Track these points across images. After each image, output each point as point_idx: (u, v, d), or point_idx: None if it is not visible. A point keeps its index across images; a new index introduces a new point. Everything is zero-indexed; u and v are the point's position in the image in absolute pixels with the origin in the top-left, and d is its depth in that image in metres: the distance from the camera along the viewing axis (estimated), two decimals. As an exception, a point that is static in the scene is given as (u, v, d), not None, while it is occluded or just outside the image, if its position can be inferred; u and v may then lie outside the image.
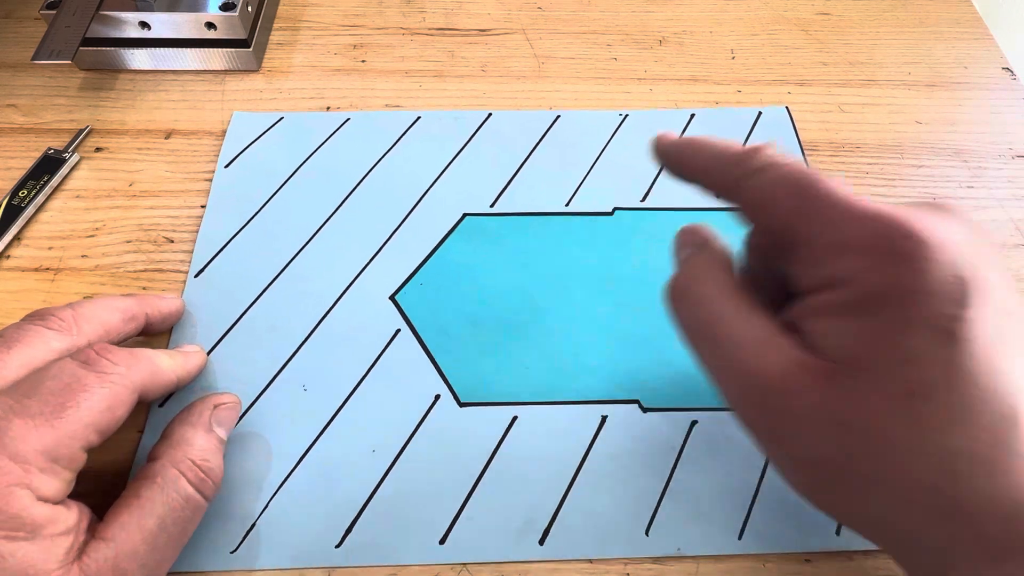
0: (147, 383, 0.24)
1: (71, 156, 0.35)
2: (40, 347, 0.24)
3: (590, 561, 0.26)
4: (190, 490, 0.23)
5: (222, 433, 0.26)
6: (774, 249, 0.21)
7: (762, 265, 0.22)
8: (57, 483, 0.21)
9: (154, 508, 0.22)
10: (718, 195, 0.22)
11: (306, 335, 0.30)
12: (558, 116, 0.39)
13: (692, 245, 0.23)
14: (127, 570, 0.21)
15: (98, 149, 0.37)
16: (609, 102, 0.39)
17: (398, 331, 0.31)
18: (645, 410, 0.29)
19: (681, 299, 0.22)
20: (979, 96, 0.41)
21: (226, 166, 0.36)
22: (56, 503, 0.21)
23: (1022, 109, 0.40)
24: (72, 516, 0.21)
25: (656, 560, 0.26)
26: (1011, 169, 0.37)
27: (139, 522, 0.22)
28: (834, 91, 0.41)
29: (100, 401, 0.22)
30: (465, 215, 0.34)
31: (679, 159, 0.23)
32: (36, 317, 0.25)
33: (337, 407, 0.29)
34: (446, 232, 0.34)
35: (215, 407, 0.26)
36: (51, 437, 0.20)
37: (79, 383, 0.22)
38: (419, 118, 0.38)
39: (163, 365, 0.26)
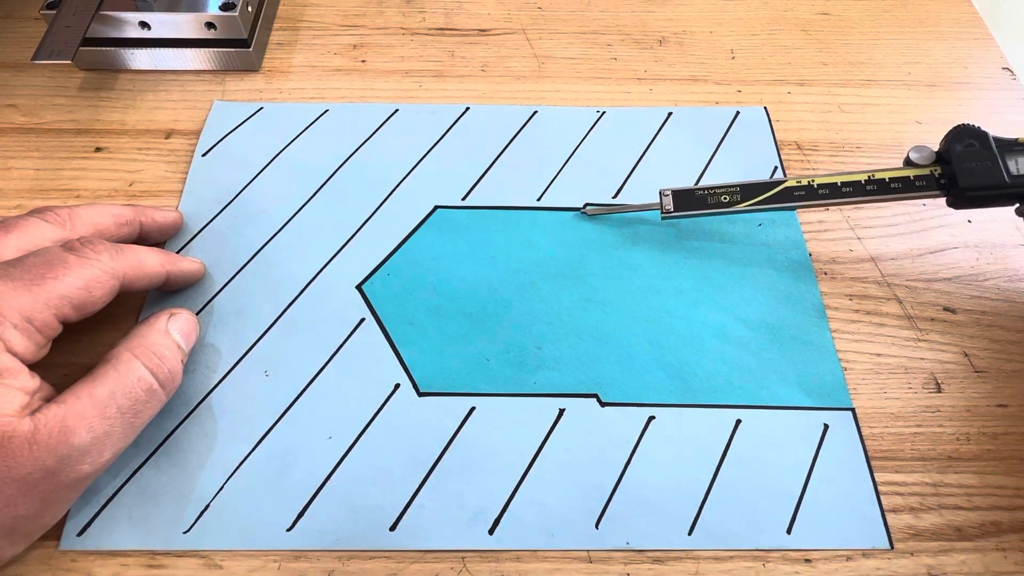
0: (129, 272, 0.27)
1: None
2: (35, 235, 0.26)
3: (590, 560, 0.26)
4: (143, 371, 0.25)
5: (179, 339, 0.27)
6: None
7: None
8: (27, 342, 0.23)
9: (106, 381, 0.24)
10: None
11: (271, 321, 0.31)
12: (535, 112, 0.39)
13: None
14: (74, 428, 0.22)
15: (98, 149, 0.37)
16: (609, 102, 0.39)
17: (363, 320, 0.31)
18: (603, 404, 0.29)
19: None
20: (979, 96, 0.40)
21: (204, 154, 0.36)
22: (24, 362, 0.23)
23: (1022, 109, 0.40)
24: (33, 382, 0.23)
25: (656, 560, 0.26)
26: (1011, 169, 0.37)
27: (90, 390, 0.23)
28: (834, 91, 0.41)
29: (77, 279, 0.24)
30: (436, 207, 0.35)
31: None
32: (35, 211, 0.28)
33: (297, 393, 0.29)
34: (416, 224, 0.34)
35: (171, 315, 0.27)
36: (27, 300, 0.23)
37: (60, 261, 0.25)
38: (397, 111, 0.38)
39: (148, 259, 0.28)
